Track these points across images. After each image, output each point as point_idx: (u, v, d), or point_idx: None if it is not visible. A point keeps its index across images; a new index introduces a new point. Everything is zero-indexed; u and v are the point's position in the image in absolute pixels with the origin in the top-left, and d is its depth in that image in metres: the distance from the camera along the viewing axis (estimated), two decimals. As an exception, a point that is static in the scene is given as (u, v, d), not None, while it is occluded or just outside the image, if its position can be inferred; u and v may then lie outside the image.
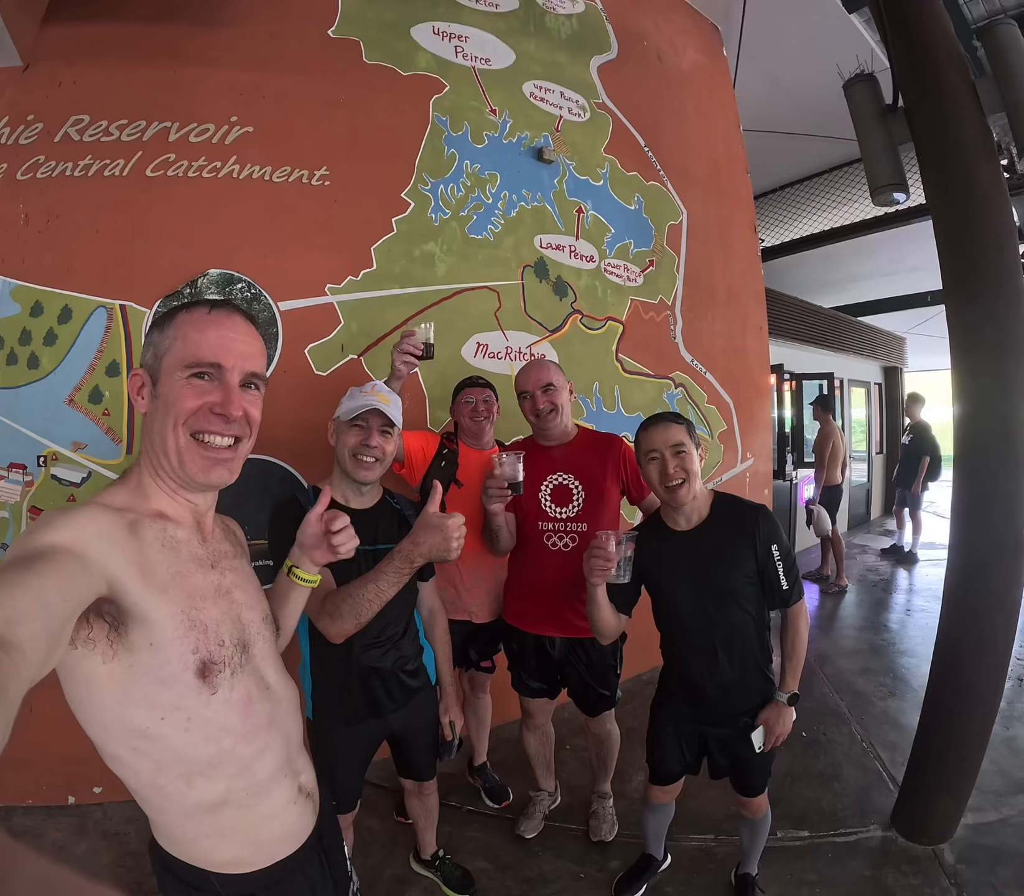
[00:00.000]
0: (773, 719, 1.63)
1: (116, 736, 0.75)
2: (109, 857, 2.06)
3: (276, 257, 2.45)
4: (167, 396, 0.81)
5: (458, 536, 1.15)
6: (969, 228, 2.06)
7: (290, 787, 0.92)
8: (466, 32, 2.93)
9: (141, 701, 0.74)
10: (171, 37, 2.42)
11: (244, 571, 0.95)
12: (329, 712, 1.58)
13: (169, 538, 0.81)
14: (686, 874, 2.05)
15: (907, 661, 3.71)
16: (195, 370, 0.81)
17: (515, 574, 2.15)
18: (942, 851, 2.10)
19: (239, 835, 0.85)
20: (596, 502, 2.01)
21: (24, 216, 2.25)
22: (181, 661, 0.75)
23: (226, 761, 0.81)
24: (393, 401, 1.58)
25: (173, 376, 0.81)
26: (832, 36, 3.96)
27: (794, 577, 1.62)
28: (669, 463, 1.58)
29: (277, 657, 0.97)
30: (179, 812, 0.82)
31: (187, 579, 0.80)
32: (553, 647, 2.07)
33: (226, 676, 0.81)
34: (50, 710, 1.98)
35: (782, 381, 5.97)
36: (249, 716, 0.84)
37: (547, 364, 2.05)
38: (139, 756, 0.76)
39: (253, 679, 0.87)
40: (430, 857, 2.02)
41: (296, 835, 0.93)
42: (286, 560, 1.11)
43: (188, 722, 0.77)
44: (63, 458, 2.27)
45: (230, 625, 0.84)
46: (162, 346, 0.83)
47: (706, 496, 1.68)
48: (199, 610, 0.79)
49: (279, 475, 2.40)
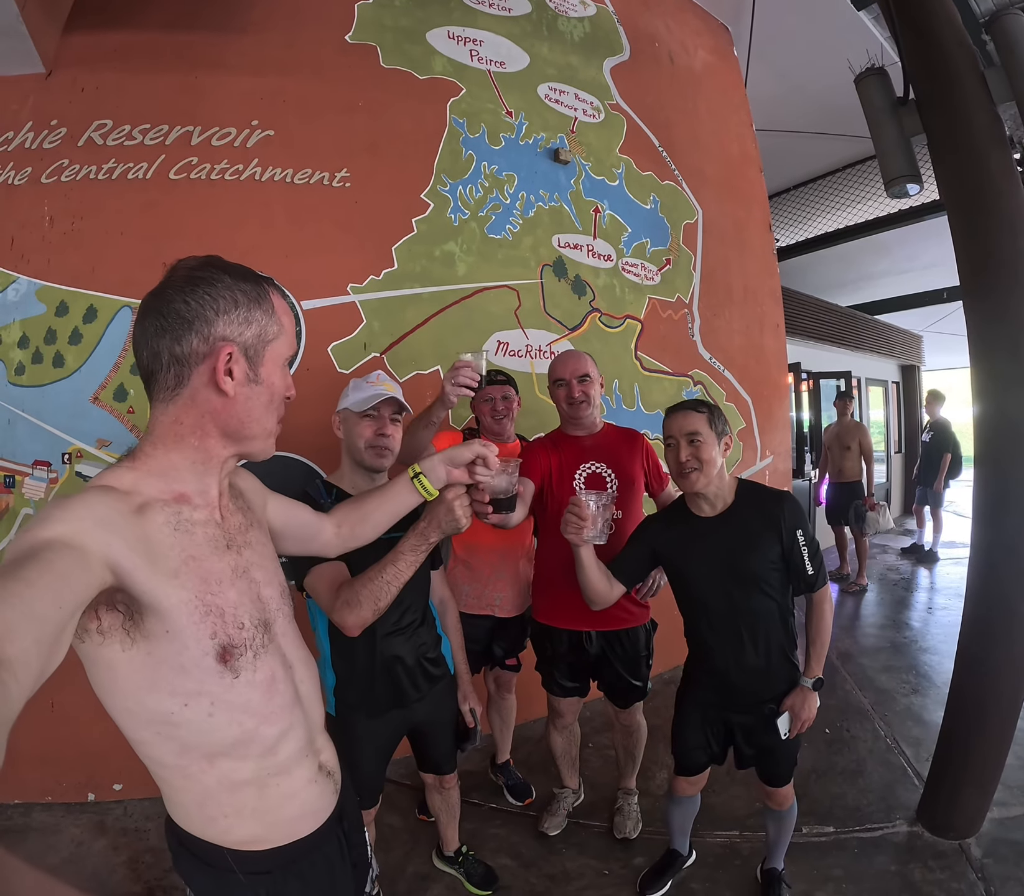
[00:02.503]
0: (799, 704, 1.63)
1: (140, 721, 0.75)
2: (128, 854, 2.07)
3: (298, 257, 2.48)
4: (274, 384, 0.85)
5: (460, 504, 1.13)
6: (983, 219, 2.06)
7: (310, 766, 0.91)
8: (480, 36, 2.97)
9: (163, 688, 0.73)
10: (191, 44, 2.47)
11: (259, 543, 0.92)
12: (353, 706, 1.58)
13: (183, 521, 0.78)
14: (711, 870, 2.03)
15: (929, 658, 3.67)
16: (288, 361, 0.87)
17: (547, 568, 2.11)
18: (969, 845, 2.08)
19: (258, 814, 0.84)
20: (628, 490, 2.02)
21: (49, 218, 2.29)
22: (200, 647, 0.74)
23: (250, 742, 0.81)
24: (397, 390, 1.59)
25: (279, 362, 0.86)
26: (842, 34, 3.94)
27: (819, 562, 1.63)
28: (683, 451, 1.59)
29: (297, 632, 0.95)
30: (199, 791, 0.81)
31: (201, 563, 0.77)
32: (590, 642, 2.05)
33: (248, 658, 0.79)
34: (70, 706, 2.03)
35: (799, 380, 5.94)
36: (273, 696, 0.83)
37: (583, 355, 2.04)
38: (163, 739, 0.76)
39: (276, 658, 0.85)
40: (453, 853, 2.01)
41: (315, 814, 0.92)
42: (413, 465, 1.13)
43: (212, 707, 0.76)
44: (88, 455, 2.30)
45: (249, 606, 0.82)
46: (269, 331, 0.83)
47: (730, 483, 1.68)
48: (215, 595, 0.77)
49: (303, 471, 2.42)
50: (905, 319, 8.39)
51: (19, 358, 2.27)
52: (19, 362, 2.27)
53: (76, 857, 2.04)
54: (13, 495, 2.27)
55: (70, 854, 2.05)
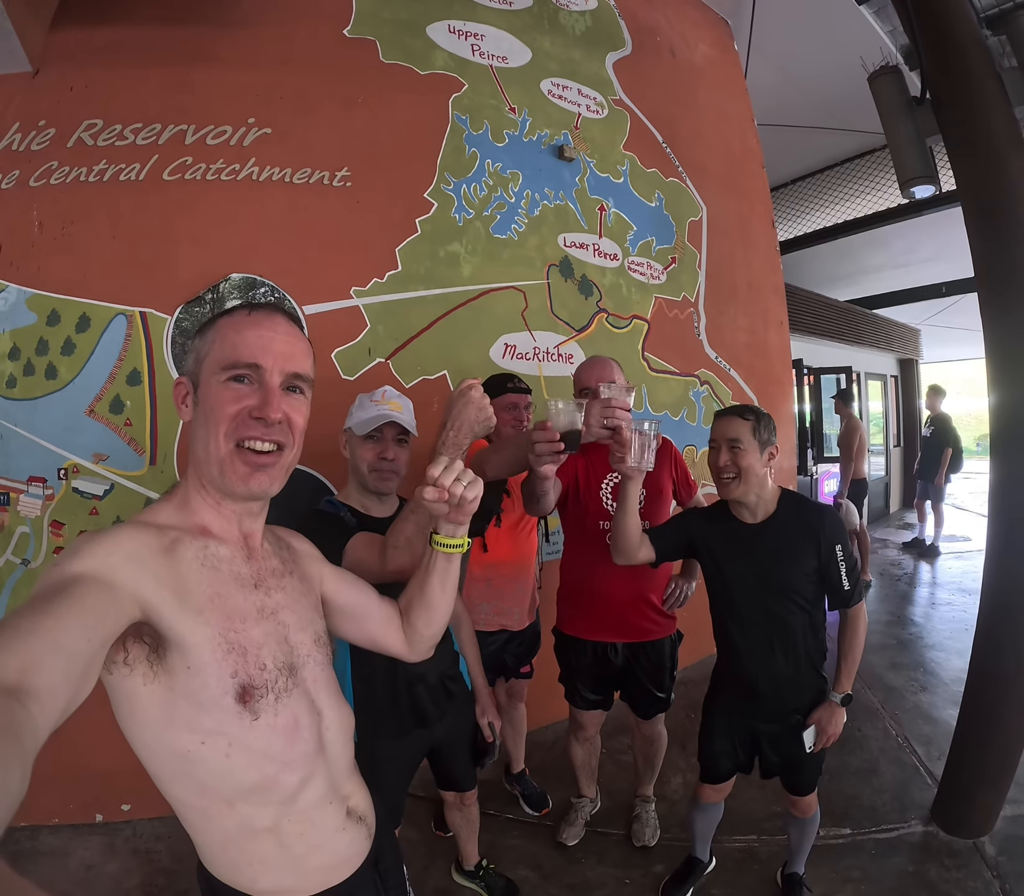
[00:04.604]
0: (826, 719, 1.63)
1: (159, 756, 0.74)
2: (140, 876, 2.02)
3: (299, 260, 2.41)
4: (207, 402, 0.79)
5: (480, 395, 1.11)
6: (1000, 218, 2.06)
7: (336, 813, 0.87)
8: (482, 30, 2.90)
9: (182, 724, 0.72)
10: (183, 39, 2.38)
11: (294, 589, 0.90)
12: (374, 729, 1.53)
13: (210, 556, 0.78)
14: (731, 875, 2.03)
15: (936, 655, 3.69)
16: (233, 372, 0.78)
17: (574, 580, 2.07)
18: (983, 844, 2.10)
19: (283, 864, 0.81)
20: (656, 500, 1.99)
21: (38, 223, 2.21)
22: (220, 685, 0.73)
23: (269, 788, 0.78)
24: (406, 406, 1.52)
25: (211, 380, 0.79)
26: (842, 28, 3.91)
27: (855, 578, 1.63)
28: (722, 456, 1.61)
29: (331, 680, 0.92)
30: (221, 835, 0.79)
31: (226, 600, 0.77)
32: (616, 654, 2.02)
33: (269, 701, 0.77)
34: (76, 727, 1.95)
35: (801, 376, 5.93)
36: (296, 743, 0.80)
37: (609, 361, 1.98)
38: (182, 777, 0.75)
39: (302, 704, 0.82)
40: (473, 868, 1.98)
41: (347, 862, 0.89)
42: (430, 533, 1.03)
43: (229, 748, 0.74)
44: (84, 470, 2.23)
45: (275, 647, 0.80)
46: (202, 351, 0.81)
47: (773, 492, 1.68)
48: (238, 633, 0.76)
49: (307, 483, 2.36)
50: (902, 313, 8.41)
51: (10, 370, 2.19)
52: (10, 374, 2.19)
53: (87, 881, 2.00)
54: (8, 513, 2.20)
55: (80, 878, 2.00)
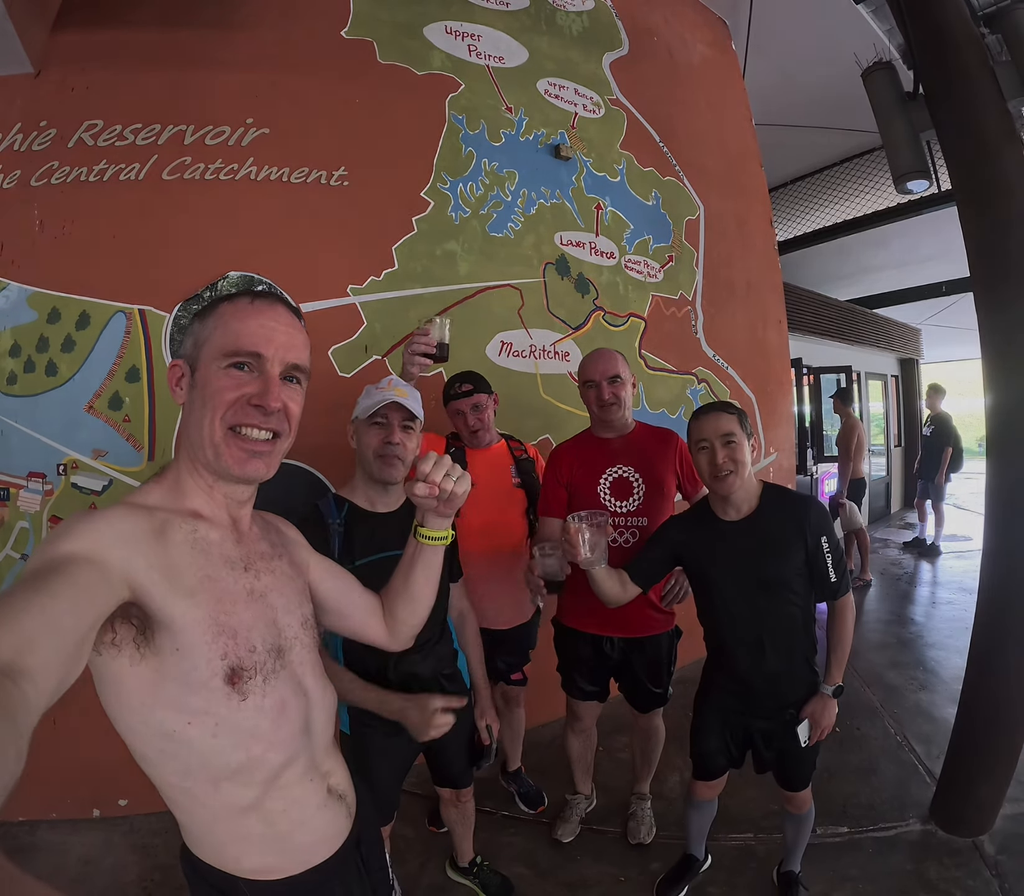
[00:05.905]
0: (819, 712, 1.63)
1: (144, 737, 0.74)
2: (137, 871, 2.02)
3: (296, 258, 2.43)
4: (205, 386, 0.79)
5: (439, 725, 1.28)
6: (994, 214, 2.05)
7: (318, 790, 0.88)
8: (478, 31, 2.92)
9: (168, 705, 0.72)
10: (182, 40, 2.41)
11: (283, 573, 0.90)
12: (368, 724, 1.53)
13: (200, 539, 0.78)
14: (728, 874, 2.02)
15: (936, 654, 3.68)
16: (234, 360, 0.79)
17: (573, 573, 2.06)
18: (982, 842, 2.08)
19: (267, 842, 0.82)
20: (656, 495, 1.98)
21: (39, 222, 2.24)
22: (209, 667, 0.73)
23: (254, 768, 0.79)
24: (412, 394, 1.52)
25: (211, 366, 0.79)
26: (839, 27, 3.90)
27: (842, 570, 1.62)
28: (719, 453, 1.56)
29: (317, 662, 0.93)
30: (206, 815, 0.80)
31: (216, 583, 0.77)
32: (612, 648, 2.03)
33: (257, 682, 0.77)
34: (74, 722, 1.98)
35: (801, 376, 5.92)
36: (282, 724, 0.81)
37: (615, 355, 1.98)
38: (167, 758, 0.75)
39: (289, 685, 0.83)
40: (467, 864, 1.98)
41: (329, 840, 0.90)
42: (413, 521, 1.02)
43: (216, 728, 0.74)
44: (84, 466, 2.25)
45: (263, 630, 0.81)
46: (202, 335, 0.81)
47: (755, 486, 1.66)
48: (228, 615, 0.76)
49: (304, 479, 2.38)
50: (903, 312, 8.38)
51: (11, 367, 2.21)
52: (11, 371, 2.21)
53: (84, 876, 2.00)
54: (7, 508, 2.21)
55: (78, 874, 2.01)
